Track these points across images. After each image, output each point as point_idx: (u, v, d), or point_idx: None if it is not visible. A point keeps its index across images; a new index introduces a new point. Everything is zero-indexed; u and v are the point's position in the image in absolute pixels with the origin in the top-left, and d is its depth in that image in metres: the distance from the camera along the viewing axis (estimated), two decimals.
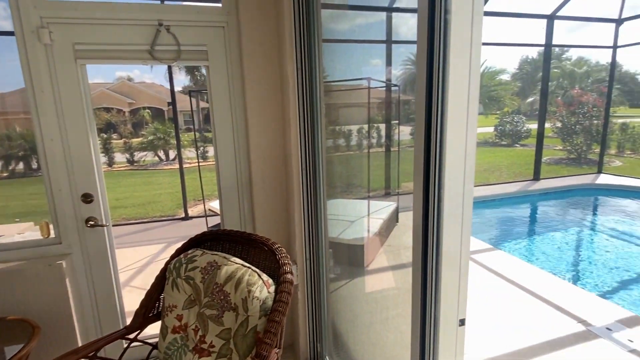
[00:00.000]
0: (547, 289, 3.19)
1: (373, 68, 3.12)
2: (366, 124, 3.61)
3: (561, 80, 23.07)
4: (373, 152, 3.93)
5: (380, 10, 2.70)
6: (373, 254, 3.02)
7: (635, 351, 2.36)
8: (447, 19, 0.70)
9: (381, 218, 3.51)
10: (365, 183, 3.56)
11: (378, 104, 4.17)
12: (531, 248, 5.14)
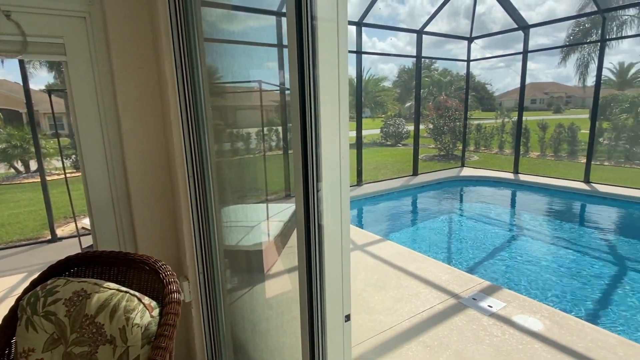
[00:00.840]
0: (428, 270, 3.63)
1: (267, 71, 3.11)
2: (262, 126, 3.57)
3: (431, 87, 26.73)
4: (271, 154, 3.92)
5: (260, 13, 2.70)
6: (273, 258, 3.00)
7: (494, 315, 2.84)
8: (314, 25, 0.72)
9: (281, 221, 3.51)
10: (264, 186, 3.53)
11: (275, 107, 4.18)
12: (415, 235, 5.79)
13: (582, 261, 4.70)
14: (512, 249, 5.18)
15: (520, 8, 35.49)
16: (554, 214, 6.81)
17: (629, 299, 3.64)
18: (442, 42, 60.13)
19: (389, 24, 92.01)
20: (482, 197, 7.95)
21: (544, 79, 65.99)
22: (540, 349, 2.42)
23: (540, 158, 12.57)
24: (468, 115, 10.97)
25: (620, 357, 2.32)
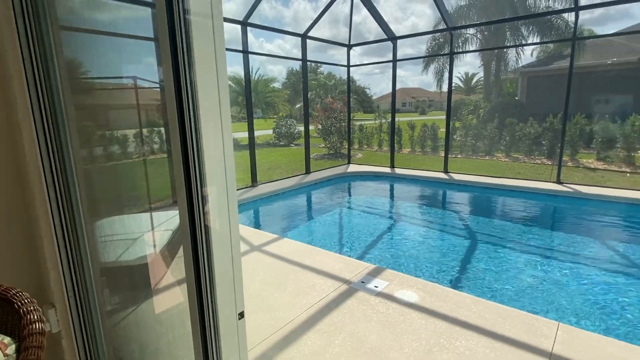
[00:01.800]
0: (323, 262, 3.85)
1: (144, 67, 2.82)
2: (141, 127, 3.25)
3: (318, 90, 28.15)
4: (155, 158, 3.59)
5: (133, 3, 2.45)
6: (162, 270, 2.77)
7: (380, 294, 3.17)
8: (187, 20, 0.70)
9: (169, 229, 3.27)
10: (147, 193, 3.22)
11: (156, 106, 3.83)
12: (310, 231, 6.05)
13: (446, 238, 5.60)
14: (393, 232, 5.85)
15: (389, 21, 39.72)
16: (423, 200, 7.94)
17: (480, 265, 4.49)
18: (325, 47, 63.67)
19: (274, 26, 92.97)
20: (366, 190, 8.75)
21: (411, 85, 75.74)
22: (417, 316, 2.81)
23: (411, 154, 14.44)
24: (351, 117, 11.90)
25: (474, 311, 2.86)
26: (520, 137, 12.26)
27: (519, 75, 18.59)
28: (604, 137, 10.81)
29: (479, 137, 13.65)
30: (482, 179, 8.05)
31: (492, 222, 6.29)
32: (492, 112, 15.71)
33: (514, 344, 2.48)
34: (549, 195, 6.93)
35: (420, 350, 2.43)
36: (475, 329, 2.66)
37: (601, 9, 54.81)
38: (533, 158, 11.76)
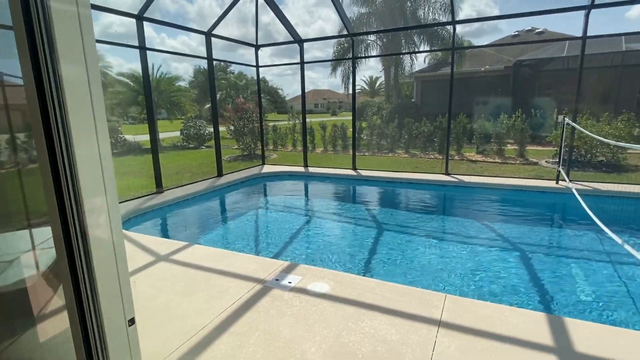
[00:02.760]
0: (236, 265, 3.80)
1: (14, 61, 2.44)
2: (12, 133, 2.79)
3: (229, 90, 27.33)
4: (35, 167, 3.12)
5: None
6: (48, 293, 2.45)
7: (293, 289, 3.27)
8: (46, 5, 0.65)
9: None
10: (23, 208, 2.79)
11: None
12: (224, 234, 5.89)
13: (356, 229, 5.99)
14: (308, 228, 6.04)
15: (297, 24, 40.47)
16: (334, 196, 8.34)
17: (386, 250, 4.91)
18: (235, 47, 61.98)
19: (177, 21, 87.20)
20: (280, 190, 8.84)
21: (322, 87, 78.40)
22: (328, 305, 2.98)
23: (323, 153, 15.00)
24: (265, 117, 11.86)
25: (377, 293, 3.14)
26: (416, 135, 13.66)
27: (414, 79, 20.69)
28: (482, 134, 12.67)
29: (382, 136, 14.79)
30: (386, 174, 8.78)
31: (394, 212, 6.92)
32: (392, 112, 17.17)
33: (410, 317, 2.80)
34: (440, 185, 7.90)
35: (331, 336, 2.59)
36: (379, 309, 2.93)
37: (477, 23, 63.65)
38: (428, 153, 13.20)
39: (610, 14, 57.89)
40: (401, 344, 2.49)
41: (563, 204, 6.72)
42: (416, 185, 8.15)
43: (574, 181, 7.06)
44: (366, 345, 2.49)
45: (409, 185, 8.25)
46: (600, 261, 4.40)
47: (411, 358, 2.35)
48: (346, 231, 5.94)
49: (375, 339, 2.55)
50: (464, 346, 2.46)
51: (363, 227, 6.15)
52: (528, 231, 5.59)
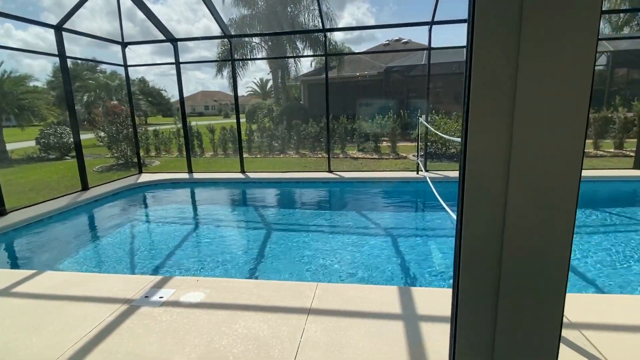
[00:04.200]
0: (98, 287, 3.42)
1: None
2: None
3: (98, 91, 24.06)
4: None
5: None
6: None
7: (165, 303, 3.10)
8: None
9: None
10: None
11: None
12: (87, 255, 5.21)
13: (240, 233, 5.96)
14: (187, 237, 5.76)
15: (180, 21, 37.99)
16: (220, 200, 8.15)
17: (272, 249, 5.02)
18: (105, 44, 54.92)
19: (26, 10, 73.23)
20: (159, 200, 8.23)
21: (213, 88, 75.34)
22: (202, 314, 2.92)
23: (213, 157, 14.46)
24: (143, 121, 10.83)
25: (254, 293, 3.20)
26: (304, 136, 14.23)
27: (300, 82, 21.48)
28: (361, 133, 13.89)
29: (273, 138, 14.98)
30: (274, 175, 8.94)
31: (279, 211, 7.11)
32: (282, 114, 17.53)
33: (283, 310, 2.94)
34: (323, 182, 8.42)
35: (202, 344, 2.55)
36: (254, 308, 2.99)
37: (358, 31, 68.69)
38: (316, 153, 13.88)
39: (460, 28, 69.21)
40: (272, 338, 2.59)
41: (423, 190, 7.84)
42: (302, 184, 8.50)
43: (430, 171, 8.31)
44: (238, 346, 2.53)
45: (295, 184, 8.56)
46: (445, 236, 5.29)
47: (280, 349, 2.47)
48: (229, 236, 5.87)
49: (247, 338, 2.60)
50: (330, 327, 2.69)
51: (247, 229, 6.15)
52: (393, 216, 6.37)
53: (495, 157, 0.54)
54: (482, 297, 0.59)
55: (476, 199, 0.57)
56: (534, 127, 0.50)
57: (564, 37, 0.46)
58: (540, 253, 0.55)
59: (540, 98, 0.48)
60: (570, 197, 0.53)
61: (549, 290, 0.56)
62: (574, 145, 0.50)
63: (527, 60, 0.47)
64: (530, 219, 0.55)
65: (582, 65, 0.46)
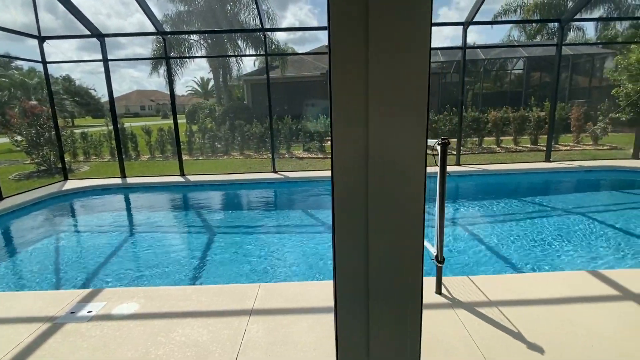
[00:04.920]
0: (13, 308, 3.09)
1: None
2: None
3: (13, 90, 21.44)
4: None
5: None
6: None
7: (94, 317, 2.89)
8: None
9: None
10: None
11: None
12: (4, 273, 4.67)
13: (183, 239, 5.71)
14: (121, 247, 5.40)
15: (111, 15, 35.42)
16: (156, 206, 7.74)
17: (208, 254, 4.88)
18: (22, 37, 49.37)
19: None
20: (89, 208, 7.61)
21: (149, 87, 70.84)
22: (136, 325, 2.77)
23: (151, 160, 13.64)
24: (74, 123, 9.87)
25: (193, 299, 3.10)
26: (249, 137, 14.00)
27: (244, 82, 21.08)
28: (306, 133, 14.01)
29: (216, 139, 14.54)
30: (218, 177, 8.69)
31: (224, 213, 6.94)
32: (224, 115, 17.07)
33: (224, 314, 2.89)
34: (268, 183, 8.37)
35: (136, 356, 2.42)
36: (193, 314, 2.90)
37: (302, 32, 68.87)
38: (261, 154, 13.73)
39: None
40: (212, 342, 2.54)
41: None
42: (246, 185, 8.37)
43: None
44: (176, 354, 2.44)
45: (239, 186, 8.40)
46: None
47: (220, 352, 2.43)
48: (166, 242, 5.60)
49: (186, 346, 2.52)
50: (272, 326, 2.70)
51: (186, 234, 5.93)
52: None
53: (357, 163, 0.60)
54: (356, 299, 0.64)
55: (345, 201, 0.63)
56: (385, 128, 0.57)
57: (403, 51, 0.53)
58: (398, 250, 0.62)
59: (388, 107, 0.55)
60: (417, 193, 0.60)
61: (407, 288, 0.64)
62: (418, 144, 0.57)
63: (375, 72, 0.54)
64: (386, 218, 0.61)
65: (417, 73, 0.53)
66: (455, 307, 2.87)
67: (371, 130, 0.57)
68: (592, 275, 3.31)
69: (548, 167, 8.72)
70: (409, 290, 0.63)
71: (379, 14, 0.52)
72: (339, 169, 0.61)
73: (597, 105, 13.71)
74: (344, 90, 0.57)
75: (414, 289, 0.63)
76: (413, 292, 0.63)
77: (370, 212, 0.61)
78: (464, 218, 6.28)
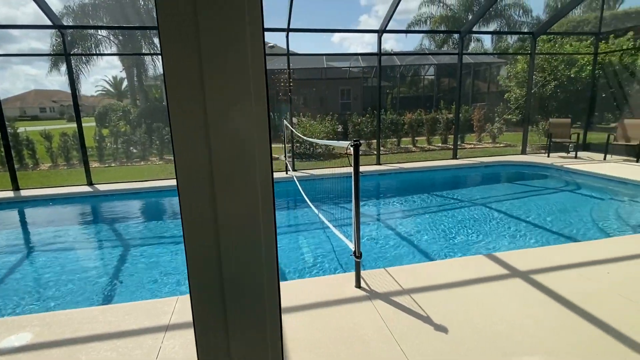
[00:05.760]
0: None
1: None
2: None
3: None
4: None
5: None
6: None
7: None
8: None
9: None
10: None
11: None
12: None
13: (86, 256, 5.15)
14: (11, 271, 4.69)
15: None
16: (58, 220, 6.89)
17: (124, 267, 4.48)
18: None
19: None
20: None
21: (50, 86, 62.51)
22: (28, 357, 2.43)
23: (52, 169, 12.05)
24: None
25: (100, 321, 2.82)
26: (169, 141, 13.17)
27: (161, 82, 19.73)
28: None
29: (131, 143, 13.40)
30: (133, 185, 8.01)
31: (137, 224, 6.43)
32: (140, 117, 15.83)
33: (136, 333, 2.68)
34: None
35: None
36: (100, 337, 2.64)
37: None
38: None
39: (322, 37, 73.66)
40: None
41: (293, 189, 8.21)
42: (165, 193, 7.86)
43: (297, 170, 8.74)
44: None
45: (157, 194, 7.86)
46: (311, 230, 5.67)
47: None
48: (66, 261, 4.99)
49: None
50: (190, 340, 2.58)
51: (91, 250, 5.37)
52: None
53: (199, 163, 0.61)
54: (212, 301, 0.65)
55: (191, 206, 0.63)
56: (223, 129, 0.59)
57: (230, 53, 0.56)
58: (249, 245, 0.65)
59: (224, 108, 0.57)
60: (267, 193, 0.64)
61: (264, 281, 0.66)
62: (262, 140, 0.60)
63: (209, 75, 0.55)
64: (236, 219, 0.63)
65: (243, 70, 0.56)
66: (373, 299, 3.04)
67: (212, 129, 0.58)
68: (487, 258, 3.77)
69: (455, 163, 9.70)
70: (266, 283, 0.65)
71: (209, 16, 0.53)
72: (183, 170, 0.61)
73: (495, 107, 15.65)
74: (180, 94, 0.57)
75: (271, 282, 0.65)
76: (270, 285, 0.65)
77: (219, 210, 0.62)
78: (386, 214, 6.68)
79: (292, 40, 8.20)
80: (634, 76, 12.27)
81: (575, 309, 2.83)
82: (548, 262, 3.62)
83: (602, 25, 11.01)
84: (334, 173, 8.58)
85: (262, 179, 0.62)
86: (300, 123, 12.96)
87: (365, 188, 8.38)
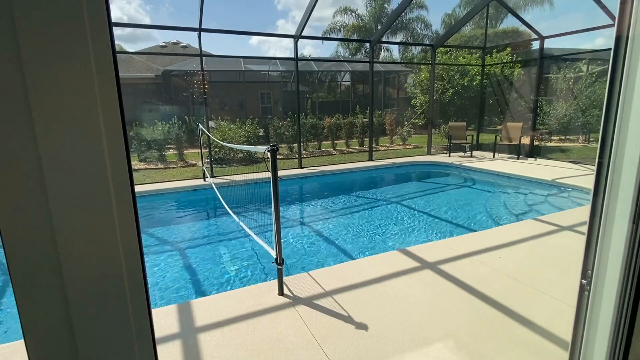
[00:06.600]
0: None
1: None
2: None
3: None
4: None
5: None
6: None
7: None
8: None
9: None
10: None
11: None
12: None
13: None
14: None
15: None
16: None
17: None
18: None
19: None
20: None
21: None
22: None
23: None
24: None
25: None
26: None
27: None
28: (142, 141, 12.49)
29: None
30: None
31: None
32: None
33: None
34: None
35: None
36: None
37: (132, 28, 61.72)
38: None
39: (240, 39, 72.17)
40: None
41: (212, 197, 7.83)
42: None
43: (216, 176, 8.37)
44: None
45: None
46: (234, 239, 5.46)
47: None
48: None
49: None
50: None
51: None
52: (183, 229, 6.06)
53: (26, 171, 0.52)
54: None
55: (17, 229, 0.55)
56: (61, 139, 0.51)
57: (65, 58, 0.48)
58: (108, 258, 0.58)
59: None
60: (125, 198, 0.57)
61: (129, 294, 0.60)
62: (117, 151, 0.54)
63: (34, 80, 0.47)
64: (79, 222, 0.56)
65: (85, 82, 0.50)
66: (295, 305, 3.02)
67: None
68: (401, 252, 4.03)
69: (371, 165, 10.27)
70: (132, 295, 0.58)
71: (30, 12, 0.45)
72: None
73: (404, 112, 16.98)
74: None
75: (137, 293, 0.59)
76: (136, 296, 0.59)
77: (56, 224, 0.53)
78: (309, 217, 6.75)
79: (209, 41, 7.84)
80: (512, 85, 14.43)
81: (474, 292, 3.18)
82: (451, 252, 4.01)
83: (487, 41, 12.72)
84: (256, 178, 8.40)
85: (120, 191, 0.54)
86: (219, 127, 12.46)
87: (288, 192, 8.38)
